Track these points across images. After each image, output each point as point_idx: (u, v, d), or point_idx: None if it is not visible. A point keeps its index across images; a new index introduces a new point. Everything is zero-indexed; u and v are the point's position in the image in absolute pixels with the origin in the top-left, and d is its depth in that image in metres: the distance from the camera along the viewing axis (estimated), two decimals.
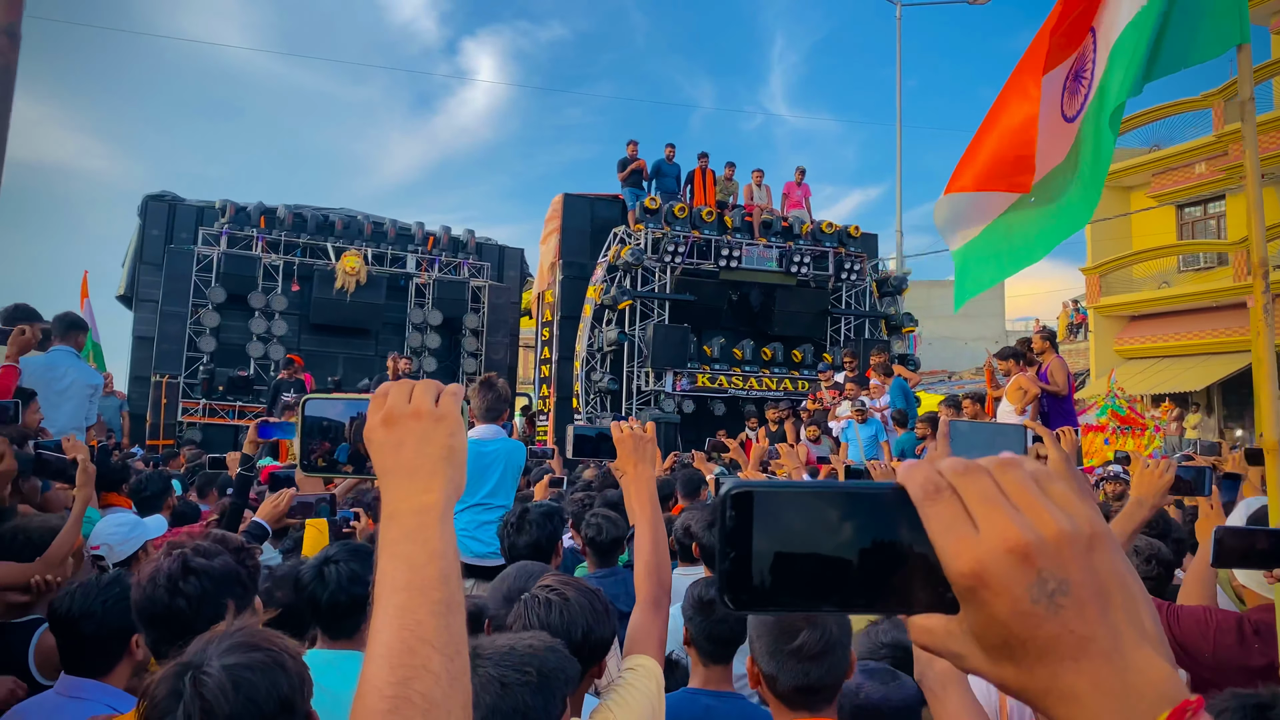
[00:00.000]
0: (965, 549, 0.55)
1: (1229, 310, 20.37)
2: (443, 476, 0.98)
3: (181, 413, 15.36)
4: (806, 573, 0.60)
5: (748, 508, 0.60)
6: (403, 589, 0.89)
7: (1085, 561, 0.55)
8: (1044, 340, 9.59)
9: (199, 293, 15.93)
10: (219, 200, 16.66)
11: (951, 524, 0.56)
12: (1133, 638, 0.54)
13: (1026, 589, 0.54)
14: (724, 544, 0.61)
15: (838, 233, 16.91)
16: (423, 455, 0.99)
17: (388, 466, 0.99)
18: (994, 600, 0.54)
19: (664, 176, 16.44)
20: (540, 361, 17.79)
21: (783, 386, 16.06)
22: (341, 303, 16.94)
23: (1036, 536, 0.54)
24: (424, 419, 1.01)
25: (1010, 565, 0.54)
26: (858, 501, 0.60)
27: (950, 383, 27.30)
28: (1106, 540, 0.56)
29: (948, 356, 32.02)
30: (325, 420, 1.19)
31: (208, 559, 2.08)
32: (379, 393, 1.04)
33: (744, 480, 0.63)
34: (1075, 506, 0.56)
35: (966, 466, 0.58)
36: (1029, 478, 0.57)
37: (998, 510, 0.55)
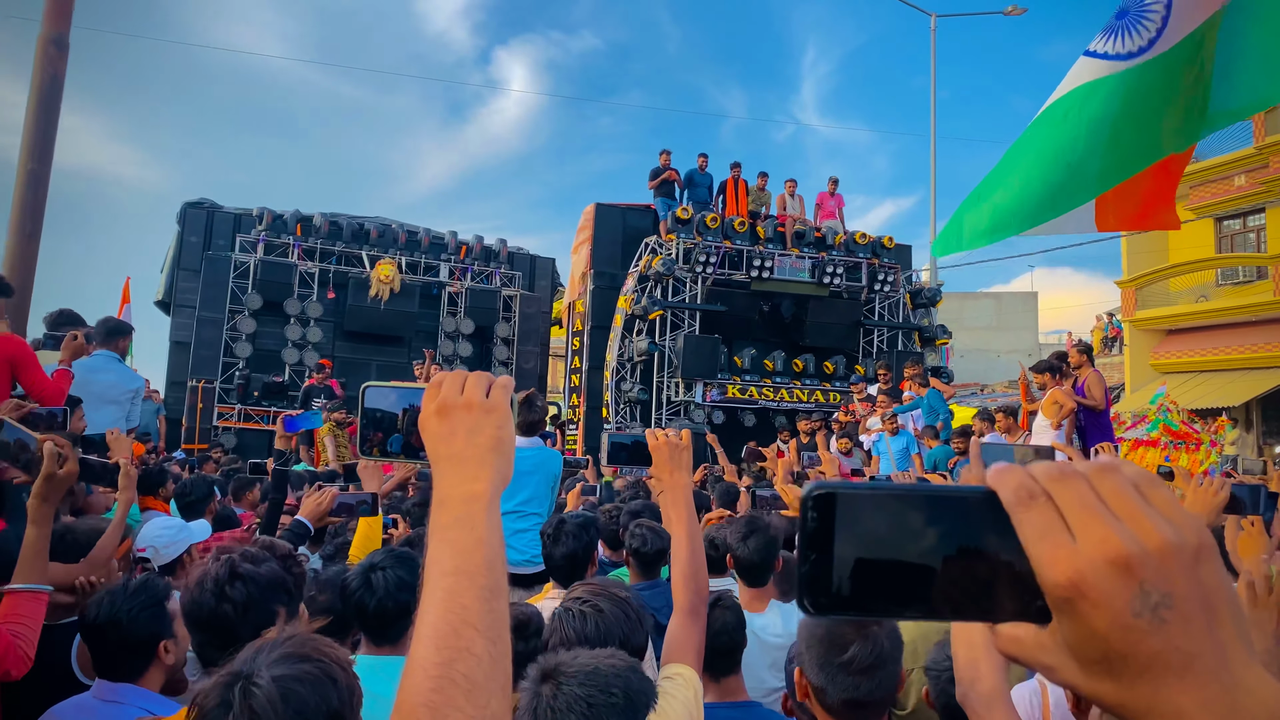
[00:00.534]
0: (1062, 558, 0.53)
1: (1269, 324, 20.05)
2: (491, 466, 1.01)
3: (217, 417, 15.54)
4: (889, 578, 0.59)
5: (830, 509, 0.59)
6: (450, 573, 0.92)
7: (1191, 574, 0.53)
8: (1081, 354, 9.47)
9: (235, 299, 16.14)
10: (256, 208, 16.86)
11: (1047, 532, 0.54)
12: (1242, 655, 0.52)
13: (1128, 602, 0.52)
14: (805, 546, 0.60)
15: (871, 244, 16.83)
16: (473, 445, 1.02)
17: (440, 454, 1.03)
18: (1093, 613, 0.52)
19: (696, 186, 16.45)
20: (570, 371, 17.85)
21: (814, 398, 15.98)
22: (375, 310, 17.09)
23: (1139, 547, 0.52)
24: (475, 410, 1.05)
25: (1111, 576, 0.52)
26: (944, 505, 0.59)
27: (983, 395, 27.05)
28: (1212, 553, 0.54)
29: (980, 369, 31.73)
30: (381, 410, 1.22)
31: (255, 565, 2.10)
32: (433, 383, 1.08)
33: (827, 481, 0.62)
34: (1179, 516, 0.54)
35: (1063, 471, 0.56)
36: (1129, 484, 0.55)
37: (1097, 518, 0.54)
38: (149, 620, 2.31)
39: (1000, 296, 38.18)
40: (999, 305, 37.18)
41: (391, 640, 2.47)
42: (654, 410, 15.49)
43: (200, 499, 4.92)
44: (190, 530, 3.74)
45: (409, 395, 1.20)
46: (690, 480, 2.13)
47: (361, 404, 1.22)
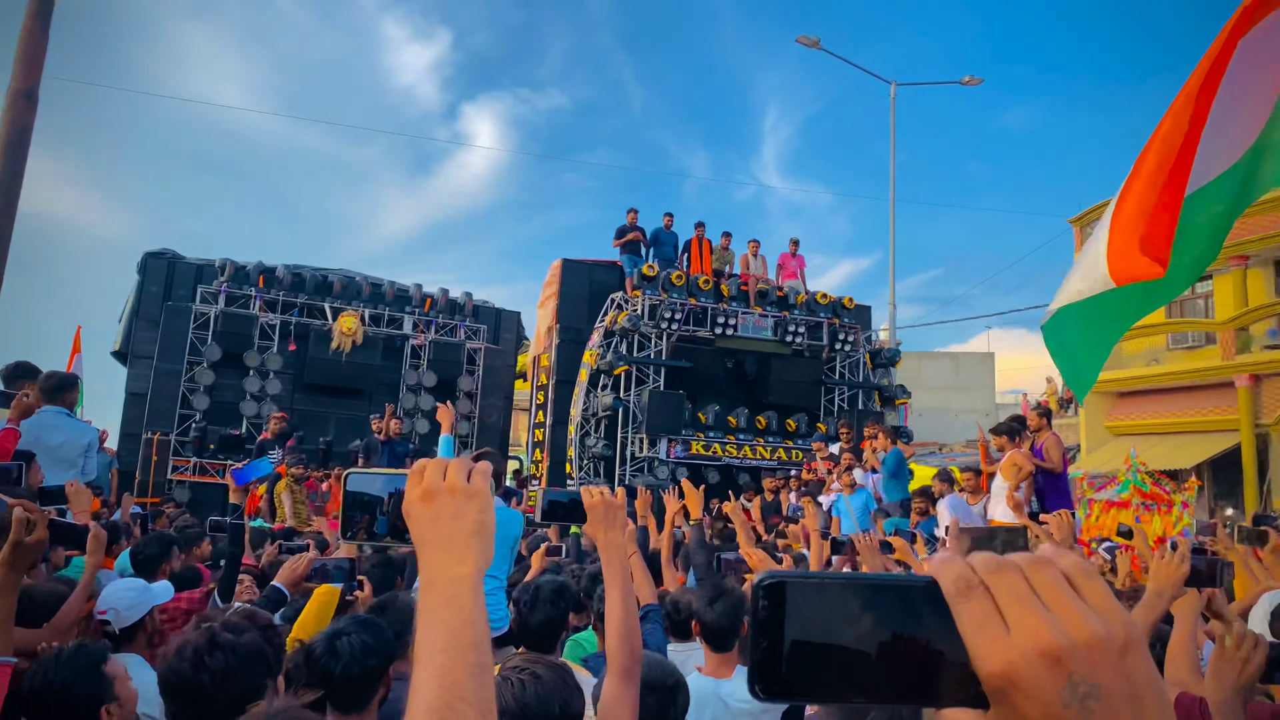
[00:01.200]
0: (997, 649, 0.56)
1: (1218, 388, 20.51)
2: (475, 549, 1.07)
3: (171, 470, 15.26)
4: (837, 664, 0.61)
5: (780, 598, 0.61)
6: (441, 651, 0.97)
7: (1118, 667, 0.55)
8: (1040, 417, 9.62)
9: (195, 350, 15.94)
10: (219, 259, 16.75)
11: (983, 623, 0.57)
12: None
13: (1058, 693, 0.54)
14: (756, 633, 0.62)
15: (832, 304, 17.08)
16: (457, 529, 1.09)
17: (425, 538, 1.09)
18: (1025, 702, 0.55)
19: (662, 244, 16.64)
20: (534, 425, 17.79)
21: (777, 455, 16.04)
22: (336, 363, 16.96)
23: (1068, 639, 0.55)
24: (458, 495, 1.10)
25: (1042, 668, 0.54)
26: (890, 594, 0.61)
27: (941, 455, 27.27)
28: (1140, 645, 0.56)
29: (939, 428, 32.03)
30: (366, 494, 1.26)
31: (236, 635, 2.08)
32: (416, 469, 1.14)
33: (777, 570, 0.64)
34: (1109, 609, 0.57)
35: (999, 564, 0.58)
36: (1062, 577, 0.58)
37: (1030, 611, 0.56)
38: (87, 685, 2.26)
39: (958, 356, 38.74)
40: (957, 365, 37.71)
41: (359, 707, 2.44)
42: (618, 466, 15.46)
43: (154, 557, 4.81)
44: (153, 592, 3.66)
45: (393, 480, 1.23)
46: (624, 540, 2.15)
47: (344, 489, 1.26)
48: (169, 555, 4.96)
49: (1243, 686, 1.98)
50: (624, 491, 2.25)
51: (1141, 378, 22.35)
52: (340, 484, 1.29)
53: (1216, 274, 21.73)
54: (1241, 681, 1.98)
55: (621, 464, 15.46)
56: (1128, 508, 13.97)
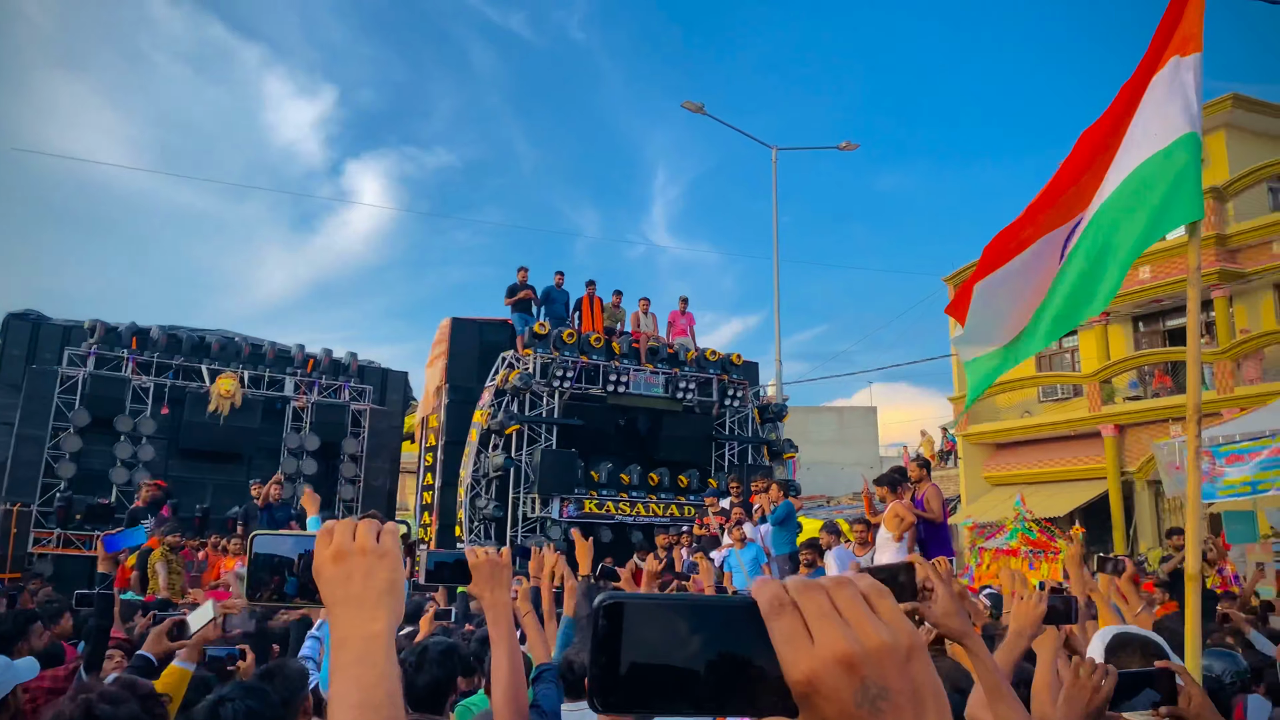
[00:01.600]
0: (802, 659, 0.62)
1: (1086, 439, 21.58)
2: (386, 608, 1.09)
3: (33, 543, 14.33)
4: (670, 678, 0.66)
5: (619, 618, 0.67)
6: (356, 707, 1.00)
7: (903, 671, 0.62)
8: (919, 468, 9.93)
9: (60, 415, 15.11)
10: (88, 320, 16.01)
11: (791, 636, 0.63)
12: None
13: (852, 694, 0.61)
14: (595, 651, 0.67)
15: (720, 360, 17.38)
16: (368, 588, 1.10)
17: (337, 597, 1.10)
18: (825, 705, 0.61)
19: (553, 303, 16.70)
20: (423, 488, 17.42)
21: (669, 512, 16.10)
22: (214, 426, 16.32)
23: (861, 647, 0.62)
24: (369, 555, 1.12)
25: (839, 673, 0.61)
26: (717, 614, 0.67)
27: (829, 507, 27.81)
28: (922, 652, 0.64)
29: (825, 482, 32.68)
30: (275, 555, 1.25)
31: (113, 706, 1.97)
32: (325, 530, 1.16)
33: (617, 592, 0.69)
34: (897, 621, 0.64)
35: (807, 585, 0.66)
36: (859, 595, 0.65)
37: (830, 624, 0.63)
38: None
39: (842, 411, 39.78)
40: (841, 419, 38.69)
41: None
42: (509, 527, 15.24)
43: (10, 635, 4.51)
44: (16, 669, 3.42)
45: (302, 542, 1.24)
46: (509, 598, 2.15)
47: (251, 551, 1.26)
48: (27, 632, 4.66)
49: (1091, 713, 2.10)
50: (509, 551, 2.25)
51: (1016, 429, 23.35)
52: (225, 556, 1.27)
53: (1081, 330, 23.00)
54: (1090, 709, 2.10)
55: (513, 525, 15.25)
56: (1017, 555, 14.44)
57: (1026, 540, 14.74)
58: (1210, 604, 9.57)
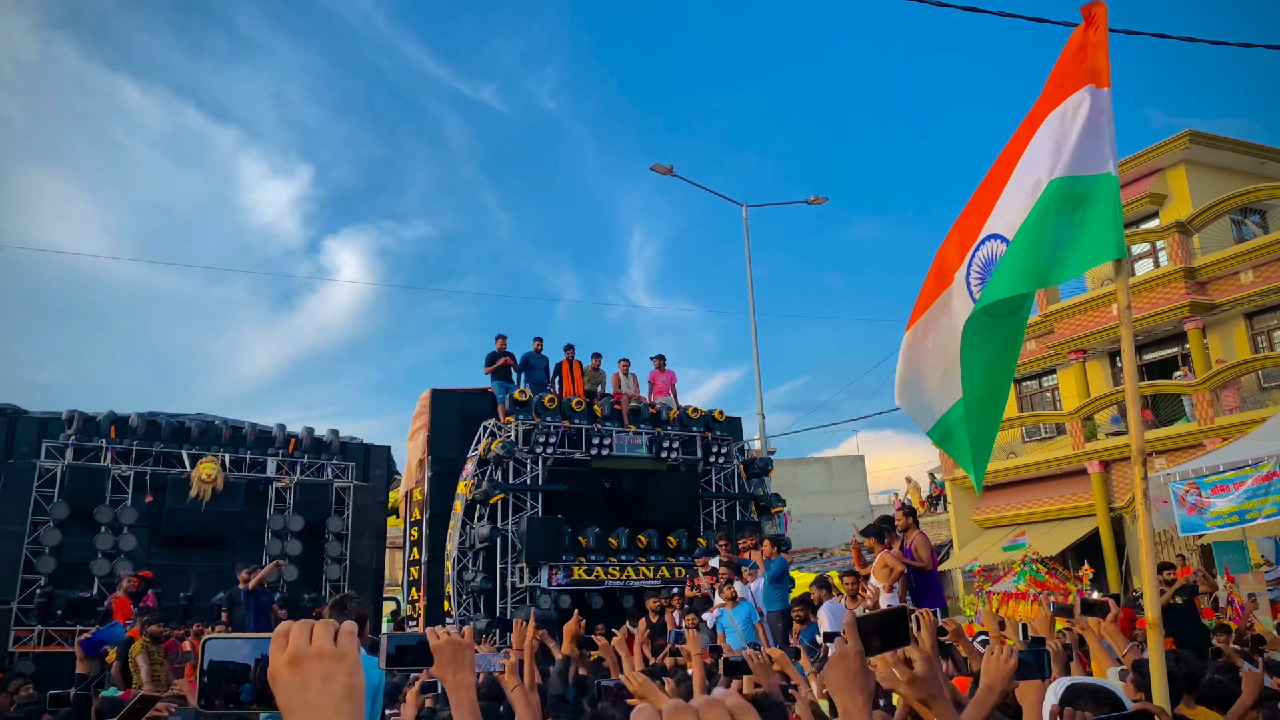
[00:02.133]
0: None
1: (1072, 477, 21.62)
2: (346, 714, 1.06)
3: (14, 642, 14.03)
4: None
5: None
6: None
7: None
8: (906, 516, 9.89)
9: (39, 509, 14.92)
10: (65, 411, 15.90)
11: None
12: None
13: None
14: None
15: (703, 417, 17.38)
16: (327, 694, 1.06)
17: (294, 705, 1.06)
18: None
19: (533, 369, 16.71)
20: (409, 563, 17.23)
21: (659, 574, 15.94)
22: (196, 512, 16.14)
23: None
24: (326, 659, 1.08)
25: None
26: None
27: (823, 559, 27.65)
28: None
29: (817, 534, 32.54)
30: (230, 662, 1.20)
31: None
32: (279, 633, 1.11)
33: None
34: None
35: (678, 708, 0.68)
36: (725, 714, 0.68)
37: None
38: None
39: (830, 461, 39.73)
40: (830, 470, 38.64)
41: None
42: (498, 598, 15.04)
43: None
44: None
45: (259, 645, 1.19)
46: (473, 680, 2.12)
47: (201, 657, 1.21)
48: None
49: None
50: (470, 630, 2.22)
51: (1002, 470, 23.36)
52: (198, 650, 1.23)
53: (1059, 368, 23.17)
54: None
55: (502, 596, 15.06)
56: (1025, 599, 14.18)
57: (1035, 583, 14.48)
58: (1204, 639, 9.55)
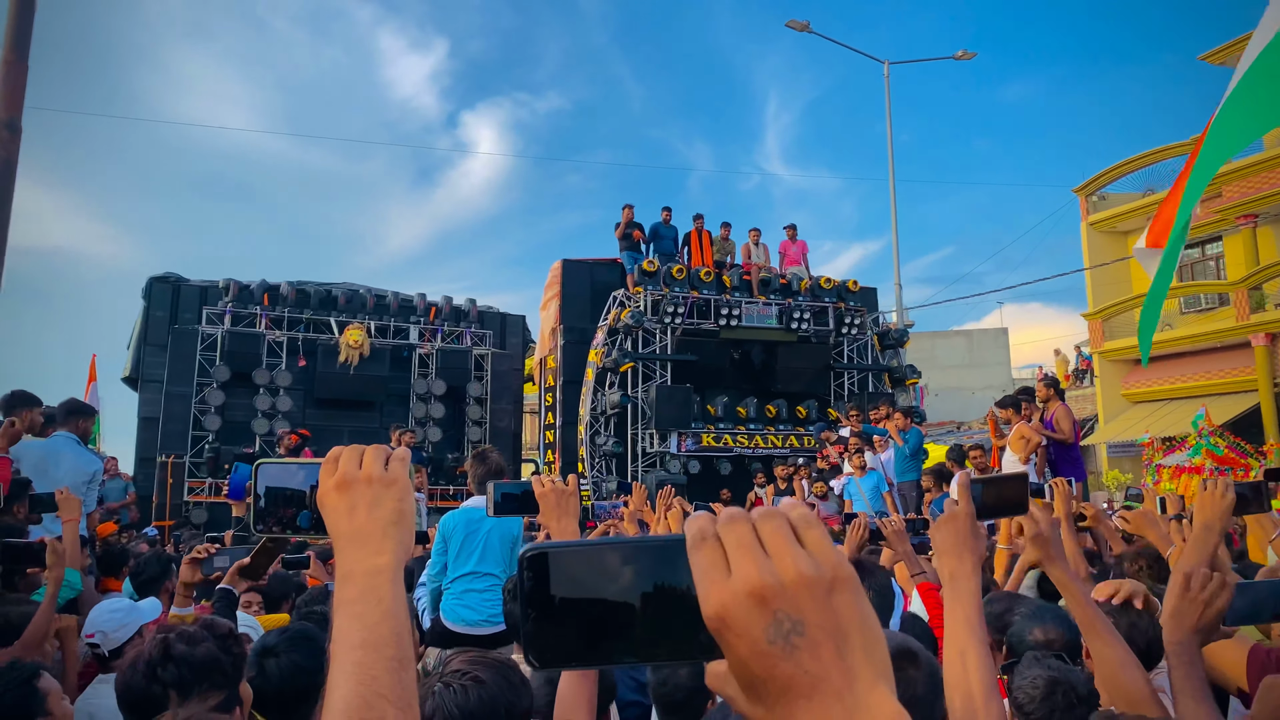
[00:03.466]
0: (714, 592, 0.57)
1: (1233, 350, 20.32)
2: (393, 539, 1.03)
3: (188, 493, 15.35)
4: (602, 627, 0.62)
5: (544, 569, 0.63)
6: (359, 646, 0.94)
7: (824, 604, 0.57)
8: (1048, 388, 9.55)
9: (203, 372, 16.02)
10: (222, 280, 16.83)
11: (708, 569, 0.58)
12: (868, 678, 0.56)
13: (764, 630, 0.56)
14: (525, 605, 0.63)
15: (836, 288, 17.00)
16: (374, 519, 1.04)
17: (341, 530, 1.04)
18: (736, 641, 0.56)
19: (661, 239, 16.61)
20: (545, 427, 17.82)
21: (788, 443, 15.99)
22: (345, 376, 17.02)
23: (775, 579, 0.56)
24: (375, 484, 1.06)
25: (750, 606, 0.56)
26: (646, 553, 0.63)
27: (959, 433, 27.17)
28: (849, 583, 0.58)
29: (956, 407, 31.89)
30: (284, 487, 1.22)
31: (190, 646, 2.07)
32: (330, 458, 1.09)
33: (540, 543, 0.65)
34: (824, 552, 0.59)
35: (733, 516, 0.60)
36: (784, 525, 0.59)
37: (748, 556, 0.58)
38: (17, 702, 2.28)
39: (971, 334, 38.52)
40: (971, 343, 37.50)
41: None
42: (629, 462, 15.45)
43: (154, 577, 4.82)
44: (140, 610, 3.66)
45: (313, 471, 1.18)
46: (576, 527, 2.13)
47: (255, 480, 1.22)
48: (169, 574, 4.97)
49: (1202, 629, 1.95)
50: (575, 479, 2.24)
51: (1156, 343, 22.14)
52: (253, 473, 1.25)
53: (1226, 234, 21.54)
54: (1201, 625, 1.95)
55: (633, 460, 15.46)
56: (1200, 472, 13.39)
57: (1212, 456, 13.63)
58: None
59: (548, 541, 0.65)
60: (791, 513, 0.61)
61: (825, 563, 0.58)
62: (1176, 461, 14.40)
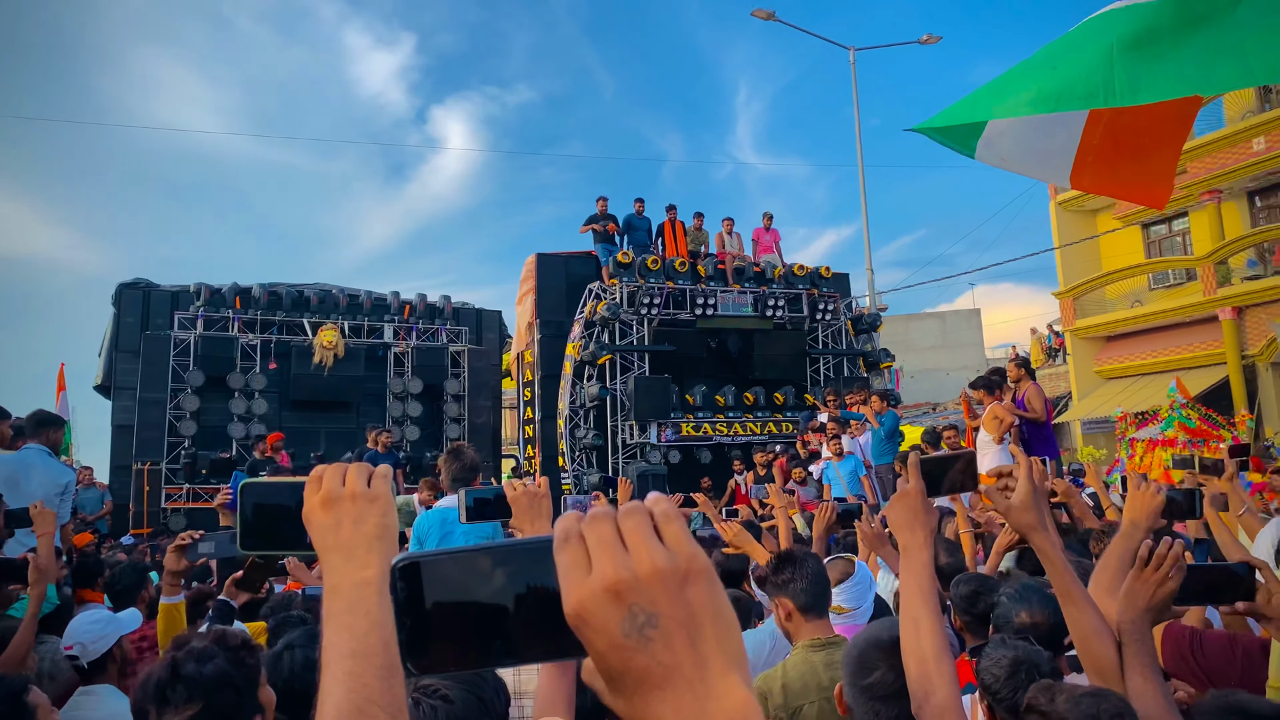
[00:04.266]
0: (573, 591, 0.59)
1: (1202, 324, 20.57)
2: (378, 553, 1.07)
3: (165, 499, 15.23)
4: (477, 629, 0.64)
5: (416, 577, 0.64)
6: (348, 656, 0.98)
7: (677, 595, 0.58)
8: (1019, 368, 9.62)
9: (177, 377, 15.88)
10: (193, 284, 16.68)
11: (570, 568, 0.60)
12: (719, 666, 0.57)
13: (619, 624, 0.57)
14: (399, 614, 0.64)
15: (809, 274, 17.07)
16: (359, 534, 1.08)
17: (328, 544, 1.08)
18: (594, 636, 0.58)
19: (635, 230, 16.60)
20: (524, 422, 17.78)
21: (767, 430, 16.06)
22: (320, 377, 16.92)
23: (630, 573, 0.58)
24: (359, 500, 1.10)
25: (605, 602, 0.58)
26: (515, 555, 0.64)
27: (935, 414, 27.36)
28: (703, 574, 0.60)
29: (931, 389, 32.12)
30: (272, 504, 1.24)
31: (199, 664, 2.05)
32: (313, 476, 1.13)
33: (410, 553, 0.66)
34: (680, 545, 0.60)
35: (596, 515, 0.61)
36: (645, 520, 0.61)
37: (606, 552, 0.59)
38: (6, 716, 2.27)
39: (944, 316, 38.78)
40: (944, 324, 37.76)
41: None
42: (610, 454, 15.47)
43: (130, 587, 4.78)
44: (119, 621, 3.63)
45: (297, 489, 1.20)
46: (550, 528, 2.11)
47: (241, 499, 1.24)
48: (144, 583, 4.94)
49: (1153, 608, 2.00)
50: (546, 481, 2.26)
51: (1126, 320, 22.41)
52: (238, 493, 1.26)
53: (1191, 210, 21.76)
54: (1152, 604, 2.00)
55: (614, 452, 15.47)
56: (1173, 445, 13.36)
57: (1184, 429, 13.60)
58: None
59: (419, 552, 0.67)
60: (655, 507, 0.62)
61: (680, 554, 0.59)
62: (1149, 435, 14.46)
